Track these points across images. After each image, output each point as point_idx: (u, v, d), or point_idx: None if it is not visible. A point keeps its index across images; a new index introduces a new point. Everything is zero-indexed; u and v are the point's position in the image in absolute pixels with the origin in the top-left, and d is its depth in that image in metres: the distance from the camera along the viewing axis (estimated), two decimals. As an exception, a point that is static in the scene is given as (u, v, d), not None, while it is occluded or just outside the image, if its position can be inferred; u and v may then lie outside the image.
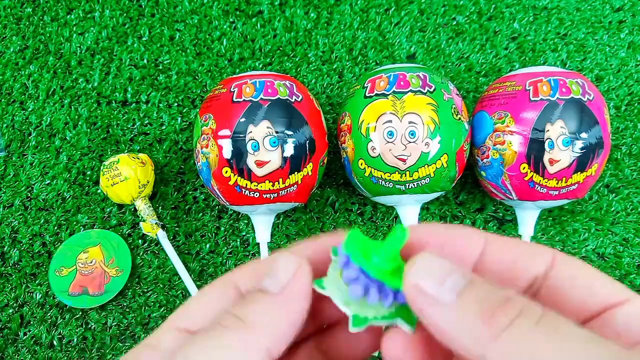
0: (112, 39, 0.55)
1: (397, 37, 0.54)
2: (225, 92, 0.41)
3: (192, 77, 0.53)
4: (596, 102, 0.40)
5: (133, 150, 0.51)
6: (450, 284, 0.14)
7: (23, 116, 0.52)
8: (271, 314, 0.16)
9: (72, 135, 0.51)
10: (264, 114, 0.40)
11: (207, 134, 0.41)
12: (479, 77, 0.53)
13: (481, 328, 0.13)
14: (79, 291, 0.45)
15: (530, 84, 0.41)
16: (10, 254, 0.47)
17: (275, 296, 0.16)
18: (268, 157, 0.39)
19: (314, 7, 0.55)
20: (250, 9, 0.55)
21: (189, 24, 0.55)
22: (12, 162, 0.50)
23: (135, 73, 0.53)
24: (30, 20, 0.55)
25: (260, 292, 0.16)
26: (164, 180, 0.50)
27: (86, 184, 0.50)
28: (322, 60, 0.54)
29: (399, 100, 0.40)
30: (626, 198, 0.48)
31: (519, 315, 0.13)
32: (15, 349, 0.45)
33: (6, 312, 0.46)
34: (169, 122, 0.51)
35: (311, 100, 0.43)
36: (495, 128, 0.41)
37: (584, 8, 0.55)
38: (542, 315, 0.13)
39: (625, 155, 0.50)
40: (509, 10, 0.55)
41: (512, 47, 0.54)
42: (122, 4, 0.56)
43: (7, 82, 0.53)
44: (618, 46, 0.54)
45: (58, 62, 0.54)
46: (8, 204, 0.49)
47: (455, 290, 0.14)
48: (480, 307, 0.14)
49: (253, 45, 0.54)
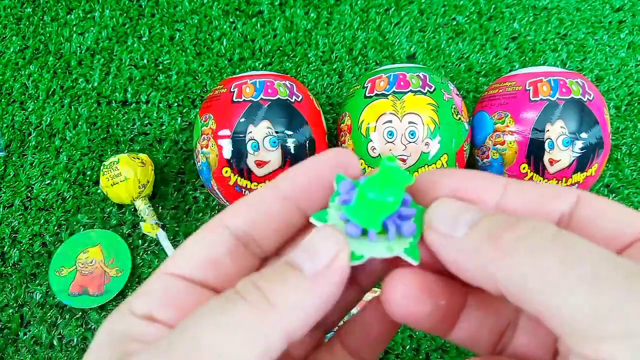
0: (112, 39, 0.55)
1: (397, 37, 0.54)
2: (225, 92, 0.41)
3: (192, 77, 0.53)
4: (596, 102, 0.40)
5: (133, 150, 0.51)
6: (465, 220, 0.14)
7: (23, 116, 0.52)
8: (300, 298, 0.14)
9: (72, 135, 0.51)
10: (264, 114, 0.40)
11: (207, 134, 0.41)
12: (479, 77, 0.53)
13: (489, 250, 0.13)
14: (79, 291, 0.45)
15: (530, 84, 0.41)
16: (10, 254, 0.47)
17: (309, 279, 0.14)
18: (268, 157, 0.39)
19: (314, 7, 0.55)
20: (250, 9, 0.55)
21: (189, 24, 0.55)
22: (12, 162, 0.50)
23: (135, 73, 0.53)
24: (30, 20, 0.55)
25: (291, 269, 0.14)
26: (164, 180, 0.50)
27: (86, 184, 0.50)
28: (322, 60, 0.54)
29: (399, 100, 0.40)
30: (626, 198, 0.48)
31: (530, 233, 0.13)
32: (15, 349, 0.45)
33: (6, 312, 0.46)
34: (169, 122, 0.51)
35: (311, 100, 0.43)
36: (495, 128, 0.41)
37: (584, 8, 0.55)
38: (556, 233, 0.13)
39: (625, 155, 0.50)
40: (509, 10, 0.55)
41: (512, 47, 0.54)
42: (122, 4, 0.56)
43: (7, 82, 0.53)
44: (618, 46, 0.54)
45: (58, 62, 0.54)
46: (8, 204, 0.49)
47: (469, 224, 0.14)
48: (490, 231, 0.14)
49: (253, 45, 0.54)
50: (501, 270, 0.13)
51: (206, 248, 0.16)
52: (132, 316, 0.15)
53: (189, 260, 0.16)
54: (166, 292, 0.16)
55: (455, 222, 0.15)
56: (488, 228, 0.14)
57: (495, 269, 0.13)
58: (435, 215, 0.15)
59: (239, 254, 0.17)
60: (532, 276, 0.12)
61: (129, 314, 0.15)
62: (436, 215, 0.15)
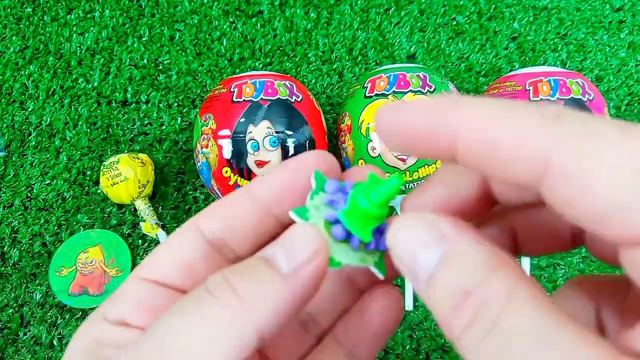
0: (112, 39, 0.55)
1: (397, 37, 0.54)
2: (225, 92, 0.41)
3: (192, 77, 0.53)
4: (596, 102, 0.40)
5: (133, 150, 0.51)
6: (423, 261, 0.13)
7: (23, 116, 0.52)
8: (273, 295, 0.13)
9: (72, 135, 0.51)
10: (264, 114, 0.40)
11: (207, 134, 0.41)
12: (479, 77, 0.53)
13: (448, 321, 0.12)
14: (79, 291, 0.45)
15: (530, 84, 0.41)
16: (10, 254, 0.47)
17: (284, 276, 0.14)
18: (268, 157, 0.39)
19: (314, 7, 0.55)
20: (250, 9, 0.55)
21: (189, 24, 0.55)
22: (12, 162, 0.50)
23: (135, 73, 0.53)
24: (30, 20, 0.55)
25: (265, 264, 0.14)
26: (164, 180, 0.50)
27: (86, 184, 0.50)
28: (322, 60, 0.54)
29: (399, 100, 0.40)
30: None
31: (473, 320, 0.11)
32: (15, 349, 0.45)
33: (6, 312, 0.46)
34: (169, 122, 0.51)
35: (311, 100, 0.43)
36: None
37: (584, 8, 0.55)
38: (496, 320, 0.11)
39: (625, 155, 0.50)
40: (509, 10, 0.55)
41: (512, 47, 0.54)
42: (122, 4, 0.56)
43: (7, 82, 0.53)
44: (618, 46, 0.54)
45: (58, 62, 0.54)
46: (8, 204, 0.49)
47: (428, 272, 0.12)
48: (445, 300, 0.12)
49: (253, 45, 0.54)
50: (459, 345, 0.12)
51: (179, 253, 0.16)
52: (105, 322, 0.15)
53: (162, 265, 0.16)
54: (139, 297, 0.16)
55: (412, 260, 0.13)
56: (445, 291, 0.12)
57: (456, 341, 0.12)
58: (395, 236, 0.14)
59: (212, 259, 0.16)
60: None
61: (102, 319, 0.15)
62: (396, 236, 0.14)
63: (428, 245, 0.13)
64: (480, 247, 0.12)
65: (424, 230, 0.13)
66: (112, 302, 0.16)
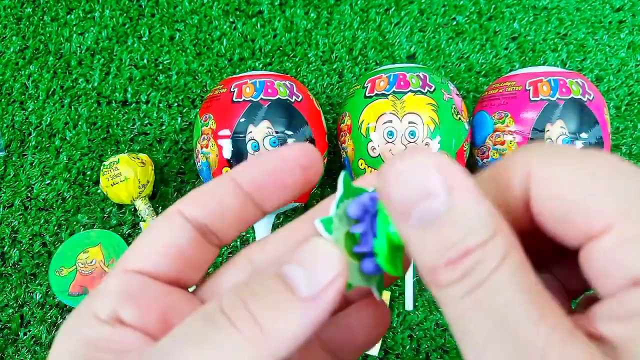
0: (112, 39, 0.55)
1: (397, 37, 0.54)
2: (225, 92, 0.41)
3: (192, 77, 0.53)
4: (596, 102, 0.40)
5: (133, 150, 0.51)
6: (427, 206, 0.12)
7: (23, 116, 0.52)
8: (292, 324, 0.13)
9: (72, 135, 0.51)
10: (264, 114, 0.40)
11: (207, 134, 0.41)
12: (479, 77, 0.53)
13: (435, 270, 0.12)
14: (79, 291, 0.45)
15: (530, 84, 0.41)
16: (10, 254, 0.47)
17: (303, 301, 0.13)
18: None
19: (314, 7, 0.55)
20: (250, 9, 0.55)
21: (189, 24, 0.55)
22: (12, 162, 0.50)
23: (135, 73, 0.53)
24: (30, 20, 0.55)
25: (283, 286, 0.13)
26: (164, 180, 0.50)
27: (86, 184, 0.50)
28: (322, 60, 0.54)
29: (399, 100, 0.40)
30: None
31: (465, 275, 0.12)
32: (15, 349, 0.45)
33: (6, 312, 0.46)
34: (169, 122, 0.51)
35: (311, 100, 0.43)
36: (495, 128, 0.41)
37: (584, 8, 0.55)
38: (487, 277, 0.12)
39: (625, 155, 0.50)
40: (509, 10, 0.55)
41: (512, 47, 0.54)
42: (122, 4, 0.56)
43: (7, 82, 0.53)
44: (618, 46, 0.54)
45: (58, 62, 0.54)
46: (8, 204, 0.49)
47: (427, 218, 0.12)
48: (439, 252, 0.12)
49: (253, 45, 0.54)
50: (439, 298, 0.13)
51: (163, 240, 0.16)
52: (96, 320, 0.14)
53: (146, 254, 0.16)
54: (130, 291, 0.15)
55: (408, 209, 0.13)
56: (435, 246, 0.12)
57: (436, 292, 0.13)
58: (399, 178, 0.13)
59: (197, 244, 0.16)
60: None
61: (92, 318, 0.14)
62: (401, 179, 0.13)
63: (436, 191, 0.12)
64: (484, 205, 0.12)
65: (433, 175, 0.12)
66: (100, 297, 0.15)
